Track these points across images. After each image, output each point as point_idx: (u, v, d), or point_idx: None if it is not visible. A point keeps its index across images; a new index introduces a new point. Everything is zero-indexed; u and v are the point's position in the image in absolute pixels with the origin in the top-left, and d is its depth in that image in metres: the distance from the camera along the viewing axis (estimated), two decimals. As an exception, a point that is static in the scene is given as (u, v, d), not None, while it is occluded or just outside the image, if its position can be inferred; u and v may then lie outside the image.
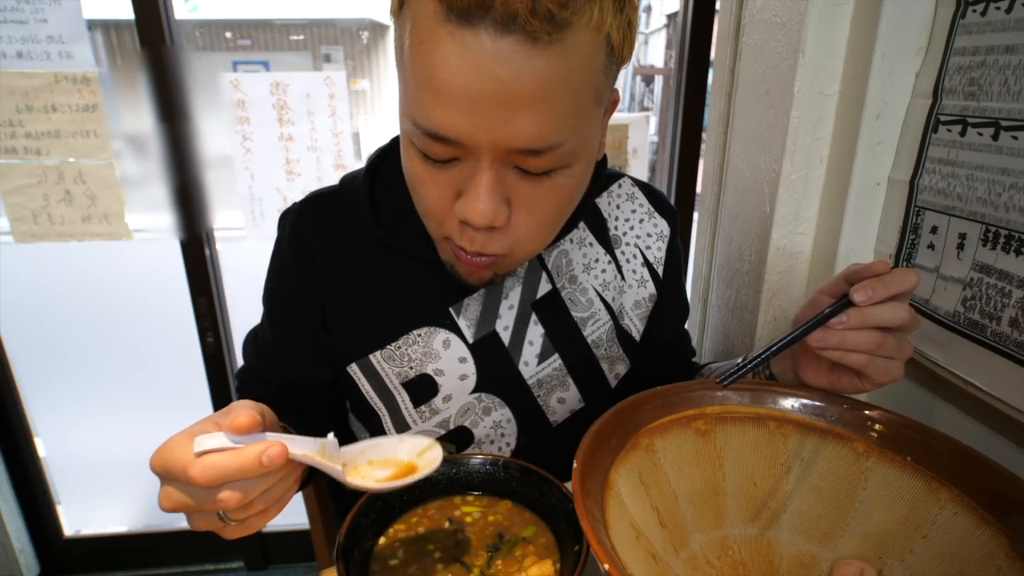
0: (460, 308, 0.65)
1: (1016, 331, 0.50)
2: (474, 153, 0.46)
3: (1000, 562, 0.41)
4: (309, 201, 0.67)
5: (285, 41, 2.75)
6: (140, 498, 1.79)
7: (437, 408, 0.66)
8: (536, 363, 0.67)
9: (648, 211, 0.72)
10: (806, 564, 0.50)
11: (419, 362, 0.65)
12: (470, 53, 0.41)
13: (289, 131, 1.36)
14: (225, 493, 0.39)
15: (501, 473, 0.59)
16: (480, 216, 0.47)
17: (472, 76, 0.41)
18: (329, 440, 0.43)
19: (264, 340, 0.70)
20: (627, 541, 0.43)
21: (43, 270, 1.67)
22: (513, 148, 0.45)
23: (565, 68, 0.42)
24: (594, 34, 0.43)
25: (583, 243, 0.69)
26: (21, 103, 1.25)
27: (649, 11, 8.37)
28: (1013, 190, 0.49)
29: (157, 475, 0.41)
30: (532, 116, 0.43)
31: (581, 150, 0.48)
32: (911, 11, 0.59)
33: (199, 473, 0.38)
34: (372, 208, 0.64)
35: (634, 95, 7.76)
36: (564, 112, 0.44)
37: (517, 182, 0.48)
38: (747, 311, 0.81)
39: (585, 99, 0.46)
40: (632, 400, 0.53)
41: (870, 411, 0.52)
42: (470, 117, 0.43)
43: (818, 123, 0.68)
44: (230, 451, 0.39)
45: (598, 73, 0.46)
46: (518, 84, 0.41)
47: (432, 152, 0.47)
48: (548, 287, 0.67)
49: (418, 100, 0.45)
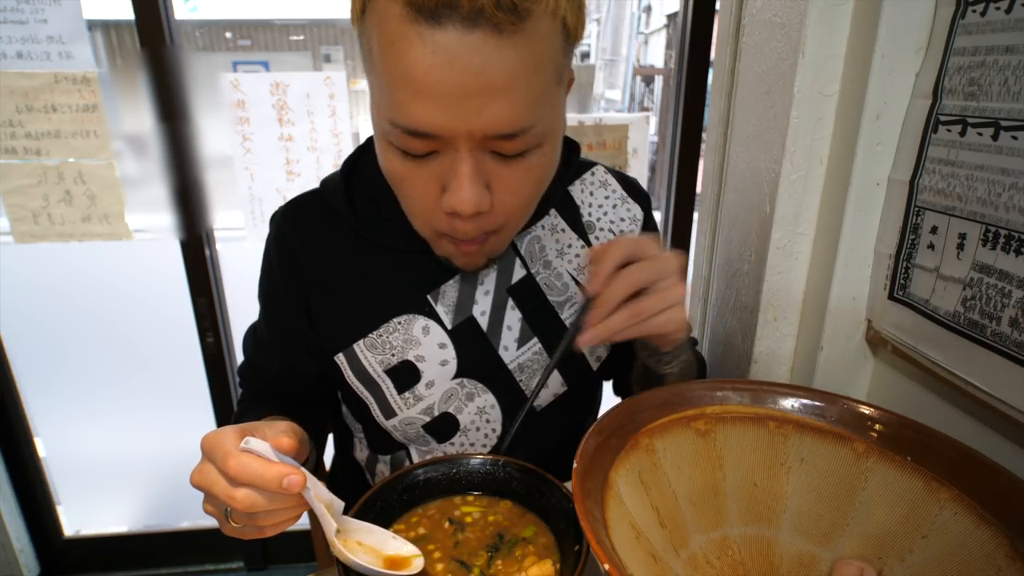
0: (437, 295, 0.67)
1: (1016, 331, 0.50)
2: (452, 144, 0.48)
3: (1000, 562, 0.41)
4: (292, 203, 0.71)
5: (285, 41, 2.75)
6: (140, 498, 1.79)
7: (421, 395, 0.68)
8: (516, 347, 0.69)
9: (621, 196, 0.74)
10: (806, 564, 0.50)
11: (400, 349, 0.67)
12: (441, 50, 0.43)
13: (289, 131, 1.36)
14: (242, 492, 0.43)
15: (501, 473, 0.59)
16: (467, 204, 0.49)
17: (446, 71, 0.43)
18: (337, 501, 0.48)
19: (260, 334, 0.74)
20: (627, 541, 0.43)
21: (43, 270, 1.67)
22: (489, 134, 0.47)
23: (530, 54, 0.45)
24: (551, 19, 0.46)
25: (555, 229, 0.71)
26: (21, 103, 1.25)
27: (649, 11, 8.38)
28: (1013, 190, 0.49)
29: (203, 451, 0.46)
30: (505, 102, 0.45)
31: (550, 129, 0.51)
32: (911, 11, 0.59)
33: (235, 464, 0.42)
34: (349, 203, 0.67)
35: (634, 95, 7.76)
36: (533, 95, 0.47)
37: (495, 166, 0.50)
38: (747, 311, 0.81)
39: (549, 81, 0.49)
40: (632, 400, 0.53)
41: (870, 411, 0.52)
42: (447, 110, 0.45)
43: (818, 123, 0.68)
44: (264, 460, 0.43)
45: (558, 55, 0.49)
46: (489, 74, 0.44)
47: (411, 148, 0.49)
48: (523, 272, 0.69)
49: (394, 100, 0.46)
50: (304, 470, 0.45)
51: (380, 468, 0.76)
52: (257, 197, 1.39)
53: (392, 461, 0.75)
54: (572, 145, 0.73)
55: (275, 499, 0.44)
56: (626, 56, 6.85)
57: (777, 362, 0.79)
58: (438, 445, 0.71)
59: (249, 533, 0.47)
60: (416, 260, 0.66)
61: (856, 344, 0.71)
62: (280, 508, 0.45)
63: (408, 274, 0.67)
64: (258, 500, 0.43)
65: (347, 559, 0.45)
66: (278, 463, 0.44)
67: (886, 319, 0.66)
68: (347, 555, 0.45)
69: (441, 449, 0.71)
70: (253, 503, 0.43)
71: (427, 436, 0.70)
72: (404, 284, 0.67)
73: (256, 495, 0.43)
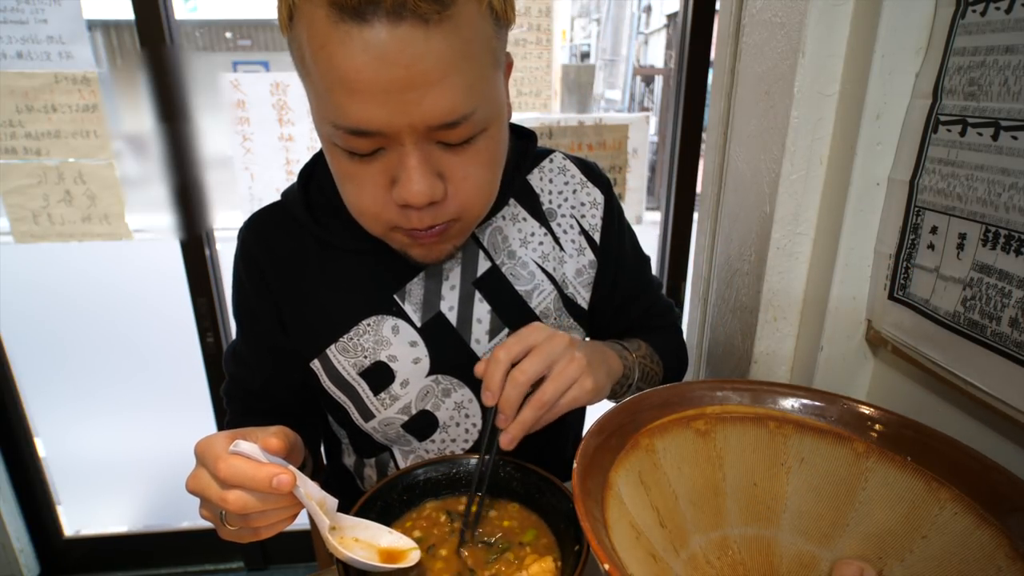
0: (404, 294, 0.67)
1: (1016, 331, 0.50)
2: (396, 139, 0.48)
3: (1000, 562, 0.41)
4: (254, 217, 0.71)
5: (285, 41, 2.75)
6: (140, 498, 1.79)
7: (396, 394, 0.68)
8: (487, 340, 0.69)
9: (581, 181, 0.74)
10: (806, 564, 0.50)
11: (372, 351, 0.67)
12: (371, 47, 0.43)
13: (289, 131, 1.36)
14: (234, 494, 0.43)
15: (501, 473, 0.59)
16: (418, 195, 0.50)
17: (378, 68, 0.44)
18: (331, 499, 0.48)
19: (239, 349, 0.74)
20: (627, 541, 0.43)
21: (43, 270, 1.67)
22: (431, 125, 0.47)
23: (460, 41, 0.46)
24: (477, 4, 0.47)
25: (516, 219, 0.71)
26: (21, 103, 1.25)
27: (649, 11, 8.37)
28: (1013, 190, 0.49)
29: (196, 457, 0.46)
30: (442, 92, 0.46)
31: (492, 114, 0.52)
32: (911, 11, 0.59)
33: (224, 467, 0.43)
34: (308, 210, 0.67)
35: (634, 95, 7.76)
36: (469, 82, 0.47)
37: (443, 155, 0.51)
38: (747, 311, 0.81)
39: (485, 65, 0.49)
40: (632, 400, 0.53)
41: (870, 411, 0.52)
42: (385, 106, 0.46)
43: (818, 123, 0.68)
44: (254, 462, 0.44)
45: (490, 39, 0.49)
46: (422, 65, 0.44)
47: (356, 147, 0.49)
48: (487, 264, 0.69)
49: (332, 102, 0.47)
50: (294, 469, 0.45)
51: (368, 472, 0.76)
52: (257, 197, 1.39)
53: (377, 464, 0.75)
54: (528, 134, 0.74)
55: (267, 499, 0.44)
56: (626, 56, 6.85)
57: (777, 362, 0.79)
58: (419, 443, 0.71)
59: (245, 536, 0.48)
60: (381, 261, 0.66)
61: (856, 344, 0.71)
62: (273, 508, 0.45)
63: (374, 276, 0.67)
64: (250, 501, 0.44)
65: (342, 554, 0.45)
66: (268, 464, 0.44)
67: (886, 319, 0.66)
68: (341, 550, 0.45)
69: (422, 447, 0.71)
70: (245, 504, 0.43)
71: (408, 436, 0.70)
72: (370, 286, 0.67)
73: (248, 496, 0.43)
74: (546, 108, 1.50)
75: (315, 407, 0.77)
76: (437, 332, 0.68)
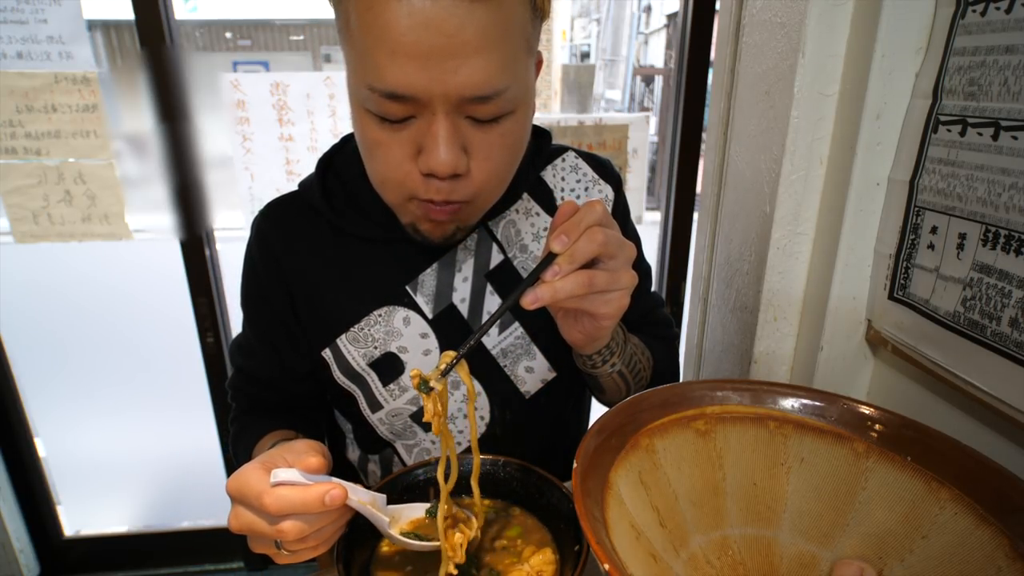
0: (416, 285, 0.68)
1: (1016, 331, 0.50)
2: (429, 107, 0.49)
3: (1000, 562, 0.41)
4: (271, 205, 0.72)
5: (285, 41, 2.75)
6: (140, 498, 1.79)
7: (405, 386, 0.68)
8: (498, 332, 0.70)
9: (593, 179, 0.75)
10: (806, 564, 0.50)
11: (382, 342, 0.68)
12: (417, 12, 0.45)
13: (289, 131, 1.36)
14: (288, 524, 0.43)
15: (501, 473, 0.59)
16: (444, 165, 0.50)
17: (421, 33, 0.45)
18: (379, 496, 0.49)
19: (247, 341, 0.74)
20: (627, 541, 0.43)
21: (43, 270, 1.67)
22: (464, 96, 0.49)
23: (501, 17, 0.48)
24: None
25: (530, 213, 0.72)
26: (21, 103, 1.25)
27: (649, 11, 8.37)
28: (1013, 190, 0.49)
29: (231, 498, 0.46)
30: (479, 64, 0.47)
31: (521, 97, 0.53)
32: (911, 11, 0.59)
33: (272, 502, 0.43)
34: (325, 199, 0.68)
35: (634, 95, 7.76)
36: (505, 59, 0.49)
37: (470, 131, 0.52)
38: (747, 311, 0.81)
39: (519, 47, 0.51)
40: (632, 400, 0.53)
41: (870, 411, 0.52)
42: (423, 72, 0.47)
43: (818, 123, 0.68)
44: (300, 486, 0.43)
45: (526, 24, 0.51)
46: (463, 35, 0.46)
47: (388, 112, 0.50)
48: (500, 257, 0.70)
49: (372, 64, 0.48)
50: (340, 481, 0.45)
51: (371, 467, 0.76)
52: (257, 197, 1.39)
53: (381, 460, 0.75)
54: (543, 133, 0.75)
55: (321, 518, 0.45)
56: (626, 56, 6.85)
57: (777, 362, 0.79)
58: (425, 436, 0.71)
59: (304, 555, 0.48)
60: (394, 252, 0.67)
61: (856, 344, 0.71)
62: (328, 523, 0.46)
63: (387, 266, 0.68)
64: (305, 526, 0.44)
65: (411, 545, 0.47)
66: (314, 484, 0.44)
67: (886, 319, 0.66)
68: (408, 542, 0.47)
69: (428, 440, 0.72)
70: (301, 531, 0.44)
71: (414, 427, 0.70)
72: (383, 276, 0.68)
73: (302, 523, 0.44)
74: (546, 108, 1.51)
75: (320, 401, 0.77)
76: (448, 324, 0.68)
